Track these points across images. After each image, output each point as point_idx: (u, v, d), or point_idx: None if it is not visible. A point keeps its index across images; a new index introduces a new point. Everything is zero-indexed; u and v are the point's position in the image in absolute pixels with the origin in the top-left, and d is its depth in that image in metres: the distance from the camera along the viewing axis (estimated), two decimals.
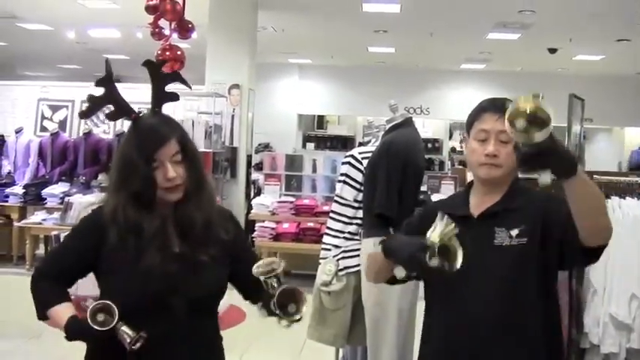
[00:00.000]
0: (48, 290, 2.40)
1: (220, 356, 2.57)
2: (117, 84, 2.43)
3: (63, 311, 2.32)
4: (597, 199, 2.26)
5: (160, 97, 2.51)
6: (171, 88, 2.54)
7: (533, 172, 2.13)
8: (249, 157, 11.83)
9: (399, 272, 2.45)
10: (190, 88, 2.73)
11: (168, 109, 2.54)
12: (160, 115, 2.46)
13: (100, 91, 2.43)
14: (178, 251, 2.37)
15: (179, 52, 7.71)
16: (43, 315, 2.40)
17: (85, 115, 2.46)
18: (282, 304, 2.29)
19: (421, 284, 2.80)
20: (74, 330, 2.26)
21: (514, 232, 2.45)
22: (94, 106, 2.45)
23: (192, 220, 2.40)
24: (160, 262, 2.30)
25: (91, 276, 2.46)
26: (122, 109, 2.44)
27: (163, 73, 2.54)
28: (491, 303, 2.44)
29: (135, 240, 2.32)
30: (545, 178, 2.13)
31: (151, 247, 2.31)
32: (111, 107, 2.45)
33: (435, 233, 2.22)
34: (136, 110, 2.46)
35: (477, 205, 2.59)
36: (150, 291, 2.29)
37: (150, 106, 2.47)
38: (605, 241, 2.28)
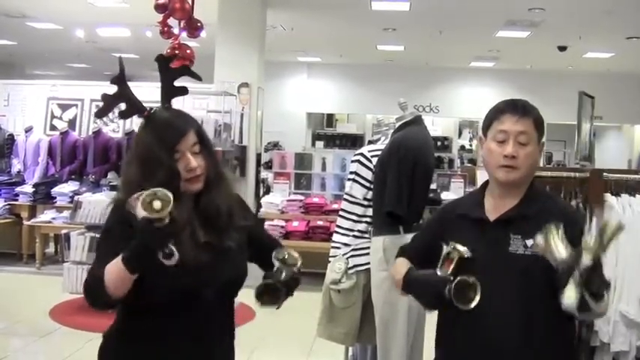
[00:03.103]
0: (95, 273, 2.24)
1: (232, 335, 2.62)
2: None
3: (112, 263, 2.18)
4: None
5: (170, 91, 2.54)
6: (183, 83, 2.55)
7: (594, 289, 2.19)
8: (258, 156, 11.82)
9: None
10: (200, 79, 2.73)
11: (178, 106, 2.55)
12: (172, 110, 2.50)
13: (113, 90, 2.46)
14: (204, 241, 2.39)
15: (188, 51, 7.72)
16: (104, 287, 2.19)
17: (100, 114, 2.49)
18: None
19: None
20: (134, 254, 2.14)
21: (529, 242, 2.45)
22: (107, 104, 2.48)
23: (218, 208, 2.44)
24: (193, 255, 2.30)
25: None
26: (135, 107, 2.46)
27: (172, 67, 2.56)
28: (502, 309, 2.44)
29: None
30: (575, 302, 2.21)
31: (182, 240, 2.28)
32: (123, 105, 2.47)
33: (450, 270, 2.39)
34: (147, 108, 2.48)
35: (493, 208, 2.59)
36: (184, 283, 2.30)
37: (159, 103, 2.49)
38: None
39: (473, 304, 2.33)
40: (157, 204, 2.08)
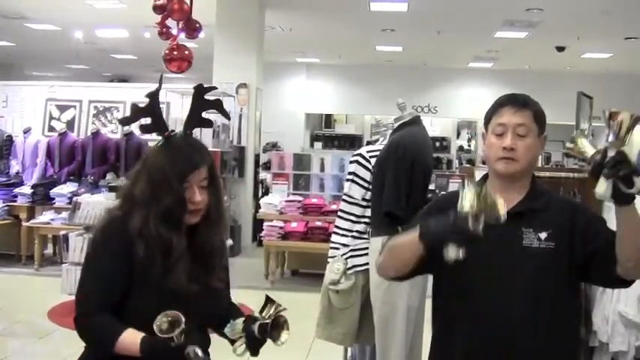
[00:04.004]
0: (107, 323, 2.33)
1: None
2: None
3: (131, 336, 2.26)
4: None
5: (195, 120, 2.59)
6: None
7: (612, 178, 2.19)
8: (256, 157, 11.84)
9: (450, 254, 2.19)
10: (229, 119, 2.78)
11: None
12: (193, 139, 2.54)
13: (144, 102, 2.50)
14: (195, 273, 2.41)
15: (187, 52, 7.71)
16: (112, 348, 2.29)
17: (125, 122, 2.53)
18: (264, 330, 2.44)
19: (429, 283, 2.78)
20: (150, 347, 2.23)
21: (542, 235, 2.43)
22: (134, 114, 2.52)
23: (213, 245, 2.50)
24: (184, 284, 2.34)
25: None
26: (158, 125, 2.49)
27: (205, 99, 2.60)
28: (518, 304, 2.40)
29: (162, 258, 2.34)
30: (608, 191, 2.19)
31: (177, 267, 2.34)
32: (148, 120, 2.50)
33: (467, 200, 2.14)
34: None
35: None
36: (172, 310, 2.28)
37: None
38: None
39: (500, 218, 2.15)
40: (164, 326, 2.17)
